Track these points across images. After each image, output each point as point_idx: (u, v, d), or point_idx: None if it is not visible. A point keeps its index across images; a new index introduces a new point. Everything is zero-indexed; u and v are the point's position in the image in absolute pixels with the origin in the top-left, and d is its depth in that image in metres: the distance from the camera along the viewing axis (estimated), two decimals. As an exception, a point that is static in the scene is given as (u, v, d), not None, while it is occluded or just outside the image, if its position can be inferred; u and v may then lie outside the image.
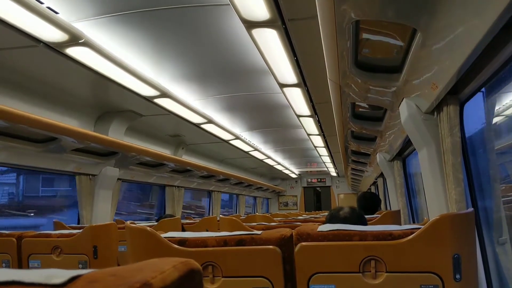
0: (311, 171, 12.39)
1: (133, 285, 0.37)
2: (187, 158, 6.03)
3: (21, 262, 2.23)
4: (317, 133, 5.70)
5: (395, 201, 4.07)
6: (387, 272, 1.22)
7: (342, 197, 13.27)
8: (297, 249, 1.28)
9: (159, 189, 6.38)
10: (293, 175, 12.35)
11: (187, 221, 4.51)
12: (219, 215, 6.85)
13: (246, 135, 5.95)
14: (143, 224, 3.41)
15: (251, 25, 2.25)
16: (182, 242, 1.32)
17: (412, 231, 1.23)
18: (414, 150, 3.13)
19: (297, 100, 3.89)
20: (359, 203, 3.52)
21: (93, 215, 4.06)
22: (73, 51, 2.47)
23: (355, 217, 1.80)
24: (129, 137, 4.48)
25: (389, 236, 1.24)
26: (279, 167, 9.74)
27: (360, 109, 2.94)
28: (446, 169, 1.84)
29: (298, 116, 4.64)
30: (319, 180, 13.38)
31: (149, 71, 3.12)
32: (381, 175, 5.23)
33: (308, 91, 3.60)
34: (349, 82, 2.20)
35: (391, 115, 2.61)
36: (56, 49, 2.42)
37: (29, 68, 2.82)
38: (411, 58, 1.66)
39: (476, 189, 1.97)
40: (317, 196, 13.95)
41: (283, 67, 2.96)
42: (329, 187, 13.42)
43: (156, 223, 3.38)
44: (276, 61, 2.83)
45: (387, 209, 5.33)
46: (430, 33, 1.42)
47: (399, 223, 3.18)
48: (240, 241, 1.30)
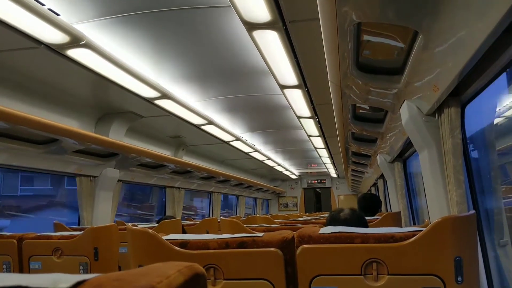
0: (311, 172, 12.38)
1: (139, 290, 0.37)
2: (187, 159, 6.03)
3: (21, 263, 2.23)
4: (318, 134, 5.70)
5: (396, 202, 4.06)
6: (388, 274, 1.22)
7: (342, 198, 13.25)
8: (298, 251, 1.27)
9: (150, 190, 6.27)
10: (293, 176, 12.34)
11: (188, 223, 4.50)
12: (220, 217, 6.85)
13: (246, 136, 5.95)
14: (143, 226, 3.41)
15: (252, 26, 2.25)
16: (183, 244, 1.32)
17: (414, 233, 1.23)
18: (414, 151, 3.13)
19: (297, 101, 3.89)
20: (360, 204, 3.52)
21: (93, 217, 4.06)
22: (74, 53, 2.47)
23: (356, 218, 1.80)
24: (130, 139, 4.48)
25: (391, 238, 1.24)
26: (279, 168, 9.74)
27: (360, 111, 2.94)
28: (447, 171, 1.84)
29: (298, 117, 4.64)
30: (319, 181, 13.36)
31: (150, 72, 3.12)
32: (382, 176, 5.23)
33: (308, 93, 3.61)
34: (350, 83, 2.20)
35: (392, 117, 2.61)
36: (57, 50, 2.43)
37: (30, 69, 2.82)
38: (413, 60, 1.66)
39: (477, 191, 1.96)
40: (317, 197, 13.93)
41: (283, 69, 2.96)
42: (329, 188, 13.40)
43: (156, 225, 3.38)
44: (276, 63, 2.84)
45: (387, 210, 5.33)
46: (431, 35, 1.42)
47: (399, 224, 3.18)
48: (241, 243, 1.29)
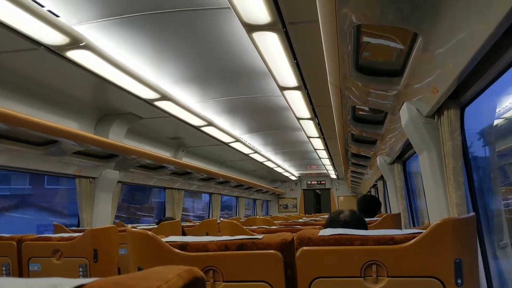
0: (311, 174, 12.37)
1: (139, 294, 0.37)
2: (187, 160, 6.03)
3: (21, 265, 2.22)
4: (317, 135, 5.70)
5: (395, 204, 4.06)
6: (388, 276, 1.21)
7: (341, 199, 13.25)
8: (298, 253, 1.27)
9: (145, 190, 6.15)
10: (293, 178, 12.34)
11: (187, 224, 4.50)
12: (219, 218, 6.85)
13: (246, 137, 5.95)
14: (143, 227, 3.41)
15: (251, 28, 2.26)
16: (183, 246, 1.32)
17: (413, 236, 1.23)
18: (414, 153, 3.13)
19: (297, 103, 3.90)
20: (359, 206, 3.51)
21: (93, 218, 4.06)
22: (74, 54, 2.47)
23: (355, 220, 1.80)
24: (129, 140, 4.48)
25: (391, 240, 1.24)
26: (279, 170, 9.74)
27: (360, 112, 2.94)
28: (447, 173, 1.84)
29: (298, 118, 4.65)
30: (318, 182, 13.36)
31: (150, 73, 3.12)
32: (381, 177, 5.23)
33: (308, 94, 3.61)
34: (350, 85, 2.20)
35: (391, 119, 2.61)
36: (56, 52, 2.43)
37: (29, 71, 2.82)
38: (412, 62, 1.67)
39: (477, 192, 1.96)
40: (316, 198, 13.93)
41: (283, 70, 2.96)
42: (329, 189, 13.41)
43: (156, 226, 3.37)
44: (276, 64, 2.84)
45: (387, 212, 5.33)
46: (431, 37, 1.42)
47: (399, 226, 3.18)
48: (241, 246, 1.29)
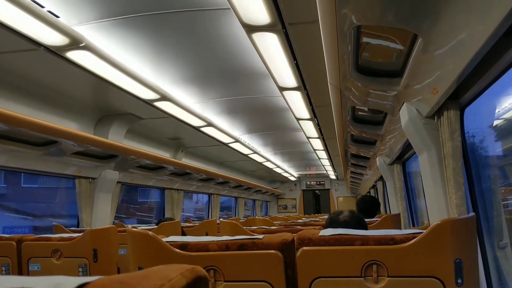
0: (310, 174, 12.38)
1: (142, 293, 0.37)
2: (186, 161, 6.03)
3: (21, 265, 2.22)
4: (317, 136, 5.70)
5: (395, 204, 4.07)
6: (388, 276, 1.22)
7: (341, 200, 13.25)
8: (298, 253, 1.27)
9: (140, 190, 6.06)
10: (292, 178, 12.34)
11: (187, 224, 4.50)
12: (219, 218, 6.85)
13: (245, 138, 5.95)
14: (143, 227, 3.41)
15: (251, 29, 2.26)
16: (183, 246, 1.32)
17: (414, 236, 1.23)
18: (414, 153, 3.14)
19: (296, 103, 3.90)
20: (358, 206, 3.51)
21: (92, 218, 4.06)
22: (74, 55, 2.47)
23: (355, 221, 1.80)
24: (129, 140, 4.48)
25: (391, 240, 1.24)
26: (278, 170, 9.74)
27: (360, 113, 2.95)
28: (446, 173, 1.84)
29: (297, 119, 4.65)
30: (318, 183, 13.36)
31: (149, 74, 3.12)
32: (381, 178, 5.23)
33: (308, 95, 3.61)
34: (350, 86, 2.20)
35: (391, 119, 2.61)
36: (56, 52, 2.43)
37: (29, 71, 2.82)
38: (412, 62, 1.67)
39: (476, 193, 1.97)
40: (316, 199, 13.93)
41: (283, 71, 2.96)
42: (328, 190, 13.41)
43: (155, 226, 3.38)
44: (276, 65, 2.84)
45: (386, 212, 5.33)
46: (431, 38, 1.42)
47: (399, 226, 3.18)
48: (241, 246, 1.29)
